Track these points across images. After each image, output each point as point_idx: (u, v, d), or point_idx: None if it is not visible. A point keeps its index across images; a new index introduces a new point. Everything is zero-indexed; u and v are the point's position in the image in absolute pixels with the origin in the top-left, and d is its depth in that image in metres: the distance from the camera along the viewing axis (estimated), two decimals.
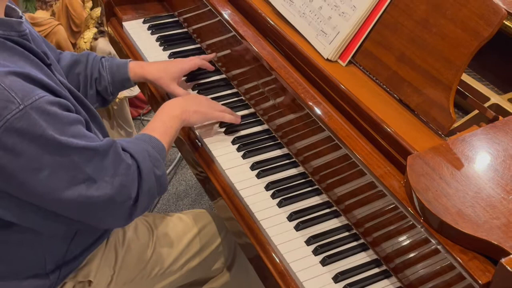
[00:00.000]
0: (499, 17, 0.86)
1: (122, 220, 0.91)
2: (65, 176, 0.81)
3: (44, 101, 0.78)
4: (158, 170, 0.93)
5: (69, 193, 0.81)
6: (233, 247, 1.21)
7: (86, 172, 0.82)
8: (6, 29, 0.83)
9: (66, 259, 0.98)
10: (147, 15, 1.47)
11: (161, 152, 0.96)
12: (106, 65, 1.17)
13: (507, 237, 0.73)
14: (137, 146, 0.93)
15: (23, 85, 0.78)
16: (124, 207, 0.88)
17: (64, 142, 0.79)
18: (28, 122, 0.76)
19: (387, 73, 1.00)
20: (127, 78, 1.18)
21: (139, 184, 0.89)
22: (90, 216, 0.88)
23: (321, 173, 1.02)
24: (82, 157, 0.82)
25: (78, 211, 0.86)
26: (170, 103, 1.08)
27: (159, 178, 0.93)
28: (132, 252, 1.08)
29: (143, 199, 0.90)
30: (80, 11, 2.38)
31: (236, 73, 1.24)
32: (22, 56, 0.84)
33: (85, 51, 1.21)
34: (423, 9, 0.95)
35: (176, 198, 2.00)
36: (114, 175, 0.85)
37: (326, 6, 1.09)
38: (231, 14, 1.23)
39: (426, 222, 0.80)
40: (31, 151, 0.77)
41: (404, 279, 0.87)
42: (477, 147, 0.87)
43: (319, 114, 1.00)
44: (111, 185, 0.85)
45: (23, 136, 0.76)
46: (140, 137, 0.97)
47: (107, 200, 0.85)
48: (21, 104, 0.76)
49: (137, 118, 2.33)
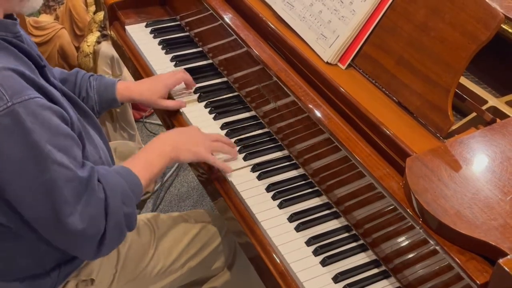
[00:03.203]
0: (496, 21, 0.87)
1: (91, 252, 0.89)
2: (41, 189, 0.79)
3: (34, 103, 0.77)
4: (127, 207, 0.90)
5: (40, 207, 0.79)
6: (233, 246, 1.22)
7: (62, 193, 0.80)
8: (1, 29, 0.83)
9: (65, 258, 0.99)
10: (150, 19, 1.49)
11: (136, 189, 0.93)
12: (94, 85, 1.16)
13: (505, 237, 0.74)
14: (112, 179, 0.90)
15: (16, 82, 0.76)
16: (93, 241, 0.87)
17: (46, 151, 0.77)
18: (14, 120, 0.74)
19: (386, 76, 1.01)
20: (114, 99, 1.18)
21: (106, 219, 0.87)
22: (60, 240, 0.87)
23: (321, 175, 1.03)
24: (62, 175, 0.79)
25: (46, 229, 0.84)
26: (162, 137, 1.04)
27: (128, 215, 0.90)
28: (133, 251, 1.09)
29: (110, 234, 0.88)
30: (83, 15, 2.40)
31: (237, 76, 1.25)
32: (17, 57, 0.83)
33: (75, 68, 1.20)
34: (421, 13, 0.97)
35: (178, 200, 2.01)
36: (87, 206, 0.83)
37: (326, 10, 1.10)
38: (232, 18, 1.24)
39: (424, 223, 0.81)
40: (13, 151, 0.76)
41: (403, 279, 0.88)
42: (475, 149, 0.87)
43: (319, 117, 1.01)
44: (80, 216, 0.83)
45: (6, 133, 0.75)
46: (119, 169, 0.94)
47: (77, 231, 0.83)
48: (9, 101, 0.74)
49: (139, 120, 2.34)
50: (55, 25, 2.37)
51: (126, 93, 1.19)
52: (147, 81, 1.24)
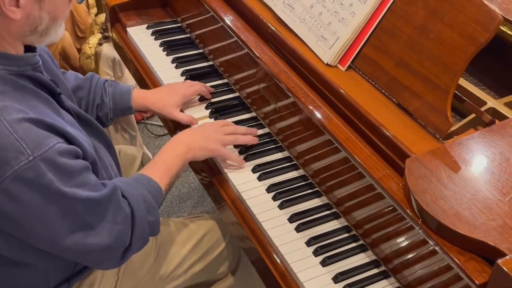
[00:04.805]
0: (495, 23, 0.88)
1: (115, 263, 0.92)
2: (66, 224, 0.81)
3: (54, 152, 0.78)
4: (151, 216, 0.93)
5: (67, 240, 0.82)
6: (237, 251, 1.21)
7: (86, 221, 0.83)
8: (21, 64, 0.84)
9: (71, 275, 1.00)
10: (151, 21, 1.49)
11: (158, 196, 0.96)
12: (109, 91, 1.16)
13: (503, 238, 0.74)
14: (135, 191, 0.92)
15: (35, 134, 0.78)
16: (118, 253, 0.90)
17: (70, 194, 0.80)
18: (36, 173, 0.77)
19: (385, 78, 1.01)
20: (129, 107, 1.18)
21: (132, 231, 0.90)
22: (85, 260, 0.90)
23: (321, 176, 1.04)
24: (85, 207, 0.82)
25: (74, 255, 0.87)
26: (176, 139, 1.05)
27: (152, 224, 0.94)
28: (135, 258, 1.08)
29: (135, 244, 0.91)
30: (85, 17, 2.41)
31: (237, 78, 1.26)
32: (34, 95, 0.84)
33: (89, 73, 1.20)
34: (421, 15, 0.97)
35: (179, 200, 2.02)
36: (113, 224, 0.86)
37: (326, 12, 1.10)
38: (233, 20, 1.25)
39: (424, 224, 0.81)
40: (35, 200, 0.78)
41: (402, 280, 0.89)
42: (474, 150, 0.88)
43: (319, 118, 1.02)
44: (108, 234, 0.85)
45: (29, 186, 0.77)
46: (139, 178, 0.96)
47: (104, 248, 0.86)
48: (30, 155, 0.76)
49: (140, 121, 2.35)
50: None
51: (142, 102, 1.18)
52: (164, 90, 1.22)
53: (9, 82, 0.81)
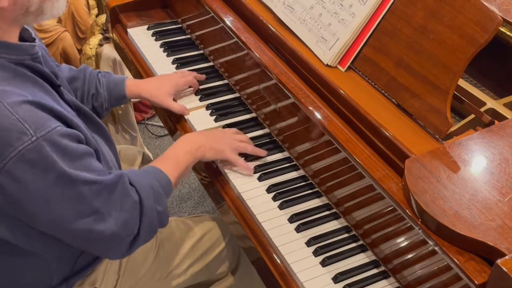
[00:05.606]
0: (495, 23, 0.88)
1: (122, 252, 0.91)
2: (73, 208, 0.81)
3: (56, 133, 0.78)
4: (159, 206, 0.93)
5: (75, 225, 0.82)
6: (237, 251, 1.22)
7: (93, 206, 0.82)
8: (19, 53, 0.84)
9: (73, 272, 0.99)
10: (151, 22, 1.50)
11: (167, 187, 0.96)
12: (103, 81, 1.17)
13: (503, 238, 0.74)
14: (143, 180, 0.92)
15: (37, 115, 0.78)
16: (125, 242, 0.89)
17: (74, 175, 0.79)
18: (40, 154, 0.76)
19: (385, 79, 1.02)
20: (124, 96, 1.19)
21: (140, 220, 0.89)
22: (92, 248, 0.90)
23: (321, 176, 1.04)
24: (91, 191, 0.82)
25: (81, 242, 0.87)
26: (188, 137, 1.07)
27: (160, 214, 0.93)
28: (135, 256, 1.09)
29: (144, 234, 0.91)
30: (86, 18, 2.41)
31: (238, 78, 1.26)
32: (34, 82, 0.84)
33: (82, 65, 1.21)
34: (420, 16, 0.97)
35: (179, 201, 2.02)
36: (121, 210, 0.85)
37: (326, 13, 1.11)
38: (233, 21, 1.26)
39: (423, 224, 0.81)
40: (40, 182, 0.78)
41: (402, 280, 0.89)
42: (473, 151, 0.88)
43: (319, 119, 1.02)
44: (115, 221, 0.85)
45: (33, 167, 0.76)
46: (149, 169, 0.97)
47: (110, 235, 0.85)
48: (33, 135, 0.76)
49: (141, 122, 2.35)
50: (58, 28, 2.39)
51: (135, 89, 1.20)
52: (156, 79, 1.24)
53: (8, 70, 0.81)
